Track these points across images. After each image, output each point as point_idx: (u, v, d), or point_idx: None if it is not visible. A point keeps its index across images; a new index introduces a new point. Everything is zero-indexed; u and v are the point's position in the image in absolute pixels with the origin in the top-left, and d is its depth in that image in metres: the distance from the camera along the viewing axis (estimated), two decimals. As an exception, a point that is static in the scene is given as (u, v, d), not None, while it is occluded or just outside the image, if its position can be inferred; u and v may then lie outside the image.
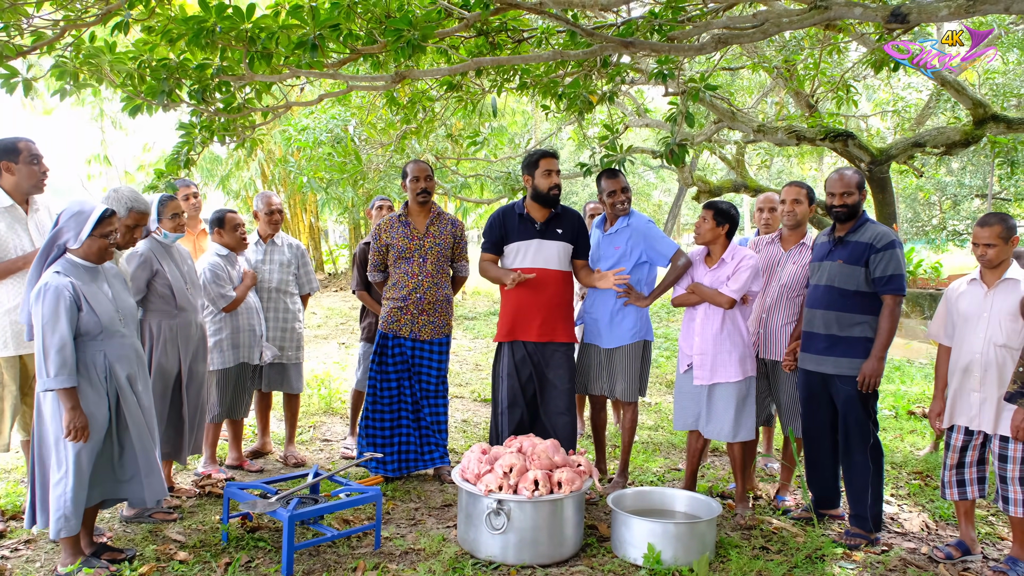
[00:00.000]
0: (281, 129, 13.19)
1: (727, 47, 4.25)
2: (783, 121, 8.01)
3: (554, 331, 4.54)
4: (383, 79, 4.01)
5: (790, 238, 4.56)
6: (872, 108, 19.76)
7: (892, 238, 3.97)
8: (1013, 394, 3.17)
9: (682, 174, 13.81)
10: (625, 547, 3.77)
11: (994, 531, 4.28)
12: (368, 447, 4.79)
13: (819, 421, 4.19)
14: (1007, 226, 3.66)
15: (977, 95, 6.25)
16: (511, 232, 4.59)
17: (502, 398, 4.57)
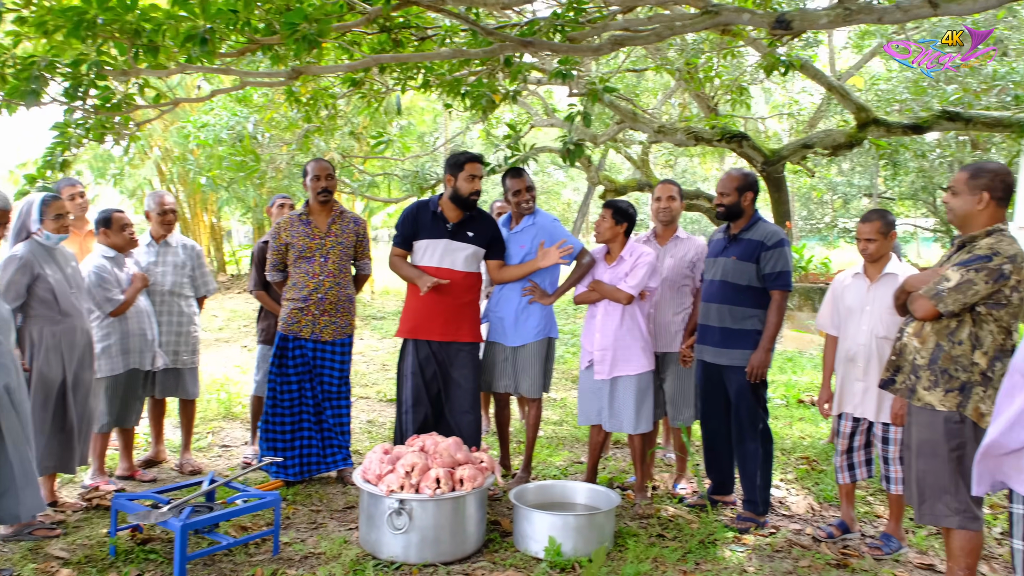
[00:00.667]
0: (179, 126, 12.75)
1: (623, 48, 4.35)
2: (684, 122, 8.26)
3: (458, 331, 4.53)
4: (279, 75, 3.92)
5: (664, 234, 4.72)
6: (770, 111, 20.57)
7: (781, 237, 4.16)
8: (886, 381, 3.36)
9: (589, 173, 14.05)
10: (527, 541, 3.82)
11: (872, 510, 4.53)
12: (269, 451, 4.69)
13: (715, 411, 4.35)
14: (886, 221, 3.88)
15: (860, 100, 6.60)
16: (422, 228, 4.54)
17: (406, 397, 4.55)
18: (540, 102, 13.64)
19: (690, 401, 4.61)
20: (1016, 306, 3.02)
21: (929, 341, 3.16)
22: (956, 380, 3.08)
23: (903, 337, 3.27)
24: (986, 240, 3.09)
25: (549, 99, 14.18)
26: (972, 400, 3.06)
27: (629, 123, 7.50)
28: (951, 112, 6.10)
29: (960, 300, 3.02)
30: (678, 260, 4.62)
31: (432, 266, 4.48)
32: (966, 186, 3.14)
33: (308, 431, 4.78)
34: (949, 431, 3.09)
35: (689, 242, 4.69)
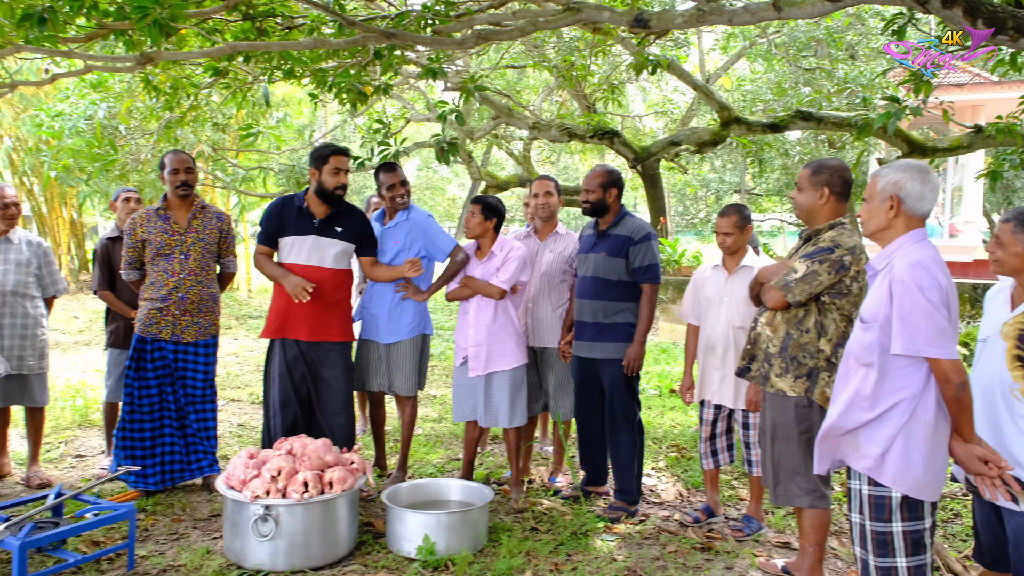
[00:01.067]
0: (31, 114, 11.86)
1: (488, 42, 4.35)
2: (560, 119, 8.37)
3: (327, 330, 4.39)
4: (127, 60, 3.69)
5: (544, 229, 4.77)
6: (646, 109, 21.20)
7: (648, 231, 4.26)
8: (741, 369, 3.51)
9: (470, 169, 14.06)
10: (400, 541, 3.77)
11: (736, 493, 4.74)
12: (126, 460, 4.41)
13: (590, 404, 4.43)
14: (742, 216, 4.04)
15: (722, 99, 6.88)
16: (288, 225, 4.36)
17: (273, 400, 4.38)
18: (422, 97, 13.53)
19: (571, 395, 4.67)
20: (856, 295, 3.21)
21: (780, 330, 3.31)
22: (804, 367, 3.25)
23: (757, 327, 3.42)
24: (829, 233, 3.26)
25: (431, 93, 14.09)
26: (819, 385, 3.23)
27: (505, 119, 7.53)
28: (805, 112, 6.45)
29: (806, 290, 3.18)
30: (557, 255, 4.66)
31: (300, 264, 4.32)
32: (808, 182, 3.31)
33: (170, 437, 4.54)
34: (799, 415, 3.25)
35: (568, 238, 4.73)
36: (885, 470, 2.50)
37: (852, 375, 2.59)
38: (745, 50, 14.51)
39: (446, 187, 36.14)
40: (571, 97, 12.85)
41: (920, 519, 2.53)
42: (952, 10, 2.91)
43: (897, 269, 2.50)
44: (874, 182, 2.65)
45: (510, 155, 17.00)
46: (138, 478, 4.42)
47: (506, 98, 10.53)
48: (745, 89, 14.19)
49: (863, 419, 2.53)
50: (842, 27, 11.66)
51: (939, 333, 2.41)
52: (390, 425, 5.88)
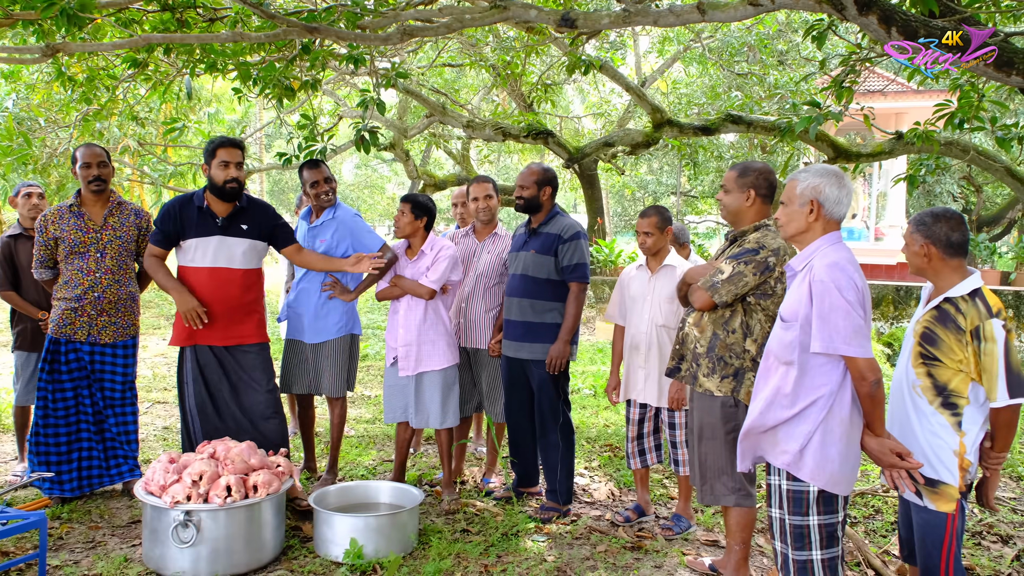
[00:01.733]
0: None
1: (413, 38, 4.30)
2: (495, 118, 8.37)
3: (241, 333, 4.19)
4: (32, 51, 3.52)
5: (483, 230, 4.74)
6: (584, 110, 21.37)
7: (577, 230, 4.27)
8: (671, 369, 3.54)
9: (408, 168, 13.95)
10: (327, 545, 3.69)
11: (667, 492, 4.79)
12: (40, 466, 4.23)
13: (519, 404, 4.42)
14: (662, 217, 4.09)
15: (654, 101, 6.97)
16: (189, 226, 4.09)
17: (190, 404, 4.18)
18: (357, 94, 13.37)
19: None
20: (780, 296, 3.27)
21: (707, 330, 3.36)
22: (731, 367, 3.30)
23: (685, 327, 3.46)
24: (754, 235, 3.32)
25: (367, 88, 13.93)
26: (745, 385, 3.28)
27: (439, 116, 7.48)
28: (735, 116, 6.57)
29: (732, 291, 3.23)
30: (495, 256, 4.64)
31: (206, 266, 4.10)
32: (735, 184, 3.36)
33: (88, 442, 4.36)
34: (725, 415, 3.30)
35: (507, 239, 4.70)
36: (803, 465, 2.56)
37: (772, 373, 2.64)
38: (680, 54, 14.75)
39: (385, 186, 35.83)
40: (509, 97, 12.88)
41: (835, 512, 2.61)
42: (868, 17, 2.99)
43: (816, 270, 2.55)
44: (792, 186, 2.71)
45: (448, 154, 16.93)
46: (53, 484, 4.24)
47: (443, 96, 10.48)
48: (680, 92, 14.43)
49: (783, 416, 2.58)
50: (772, 34, 11.96)
51: (855, 332, 2.48)
52: (321, 427, 5.78)
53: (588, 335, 11.32)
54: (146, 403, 6.82)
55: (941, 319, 2.62)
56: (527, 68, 6.71)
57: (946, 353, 2.59)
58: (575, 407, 6.89)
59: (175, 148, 12.09)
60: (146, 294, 14.90)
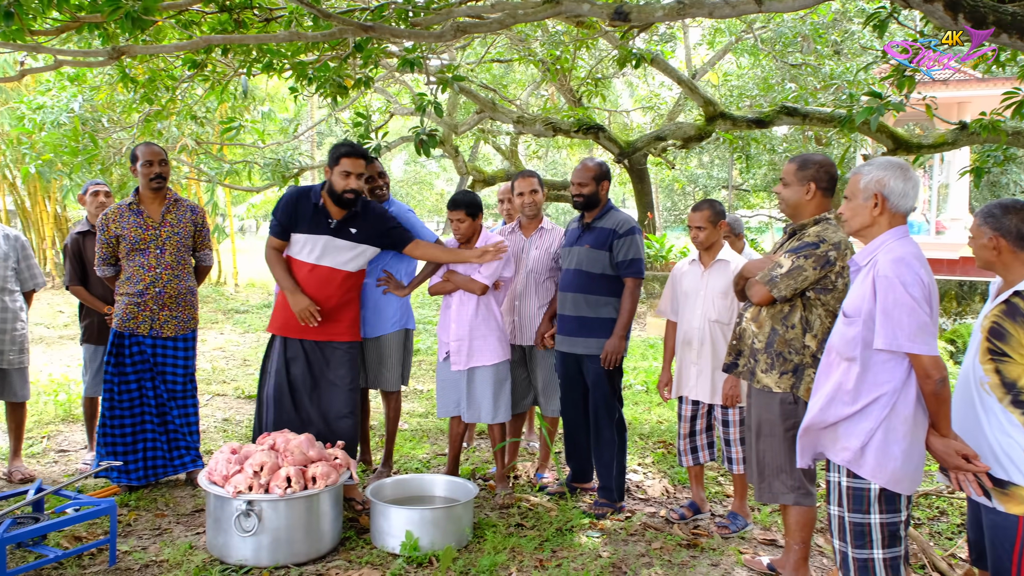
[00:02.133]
0: (11, 107, 11.72)
1: (467, 34, 4.31)
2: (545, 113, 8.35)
3: (335, 330, 4.20)
4: (98, 54, 3.63)
5: (529, 225, 4.73)
6: (634, 104, 21.20)
7: (632, 225, 4.24)
8: (728, 365, 3.50)
9: (457, 164, 14.02)
10: (384, 537, 3.75)
11: (722, 490, 4.74)
12: (108, 456, 4.38)
13: (574, 400, 4.41)
14: (715, 211, 4.04)
15: (707, 94, 6.88)
16: (301, 220, 4.11)
17: (267, 394, 4.23)
18: (407, 91, 13.47)
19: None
20: (841, 291, 3.21)
21: (765, 325, 3.31)
22: (790, 362, 3.25)
23: (742, 322, 3.42)
24: (814, 228, 3.26)
25: (417, 87, 14.03)
26: (804, 381, 3.23)
27: (489, 113, 7.50)
28: (790, 108, 6.45)
29: (791, 285, 3.18)
30: (543, 251, 4.63)
31: (311, 262, 4.14)
32: (795, 177, 3.30)
33: (152, 433, 4.50)
34: (784, 411, 3.25)
35: (554, 232, 4.68)
36: (864, 463, 2.51)
37: (834, 369, 2.60)
38: (731, 46, 14.52)
39: (434, 182, 36.07)
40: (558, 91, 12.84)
41: (897, 511, 2.55)
42: (933, 4, 2.91)
43: (881, 265, 2.50)
44: (856, 180, 2.65)
45: (497, 150, 16.97)
46: (120, 473, 4.38)
47: (492, 92, 10.49)
48: (732, 85, 14.22)
49: (844, 413, 2.53)
50: (827, 23, 11.70)
51: (920, 329, 2.42)
52: (375, 420, 5.86)
53: (639, 331, 11.24)
54: (206, 395, 6.99)
55: (1010, 313, 2.54)
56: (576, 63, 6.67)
57: (1015, 348, 2.51)
58: (627, 403, 6.86)
59: (231, 147, 12.35)
60: (204, 288, 15.30)
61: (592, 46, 6.52)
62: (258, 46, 4.55)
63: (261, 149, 11.45)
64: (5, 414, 4.86)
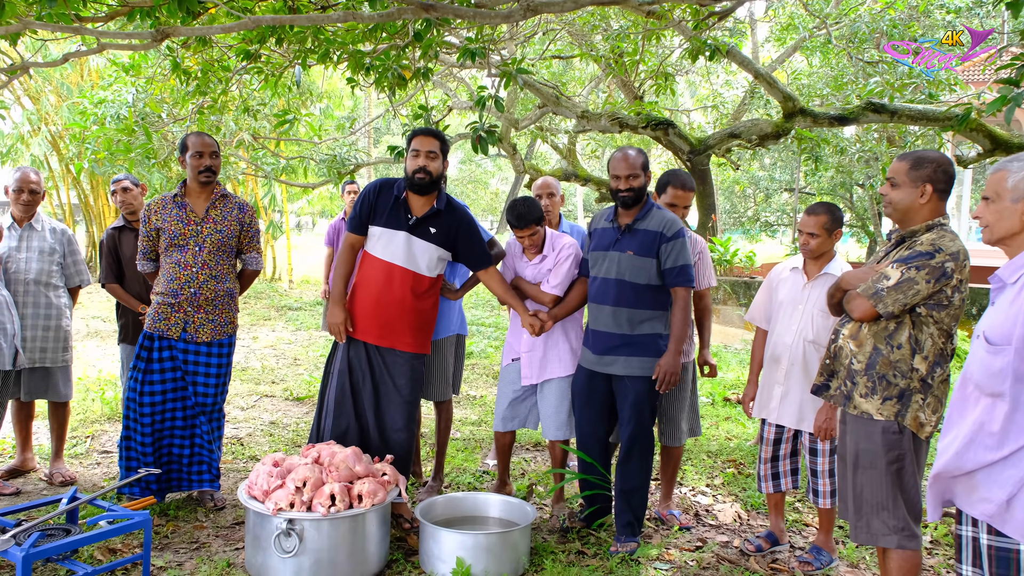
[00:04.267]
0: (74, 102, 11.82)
1: (536, 15, 4.00)
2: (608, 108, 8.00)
3: (398, 337, 3.88)
4: (142, 36, 3.43)
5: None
6: (694, 103, 20.62)
7: (680, 226, 3.75)
8: (819, 387, 3.12)
9: (514, 162, 13.72)
10: (433, 561, 3.46)
11: (801, 518, 4.33)
12: (132, 471, 4.01)
13: (592, 423, 3.93)
14: (833, 217, 3.61)
15: (787, 89, 6.45)
16: (380, 213, 3.86)
17: (329, 397, 3.96)
18: (464, 88, 13.21)
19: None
20: (957, 307, 2.80)
21: (866, 344, 2.92)
22: (894, 387, 2.85)
23: (838, 339, 3.02)
24: (927, 235, 2.86)
25: (474, 84, 13.77)
26: (911, 409, 2.83)
27: (552, 107, 7.18)
28: (876, 104, 5.99)
29: (900, 300, 2.79)
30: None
31: (384, 259, 3.86)
32: (907, 177, 2.90)
33: (178, 447, 4.17)
34: (887, 442, 2.86)
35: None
36: (1011, 518, 2.10)
37: (972, 405, 2.20)
38: (801, 42, 13.93)
39: (489, 181, 35.93)
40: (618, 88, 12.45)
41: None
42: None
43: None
44: (1000, 179, 2.25)
45: (554, 149, 16.63)
46: (142, 483, 4.06)
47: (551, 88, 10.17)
48: (801, 83, 13.61)
49: (987, 459, 2.12)
50: (906, 18, 11.06)
51: None
52: (426, 428, 5.59)
53: (699, 337, 10.78)
54: (254, 396, 6.83)
55: None
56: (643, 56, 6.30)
57: None
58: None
59: (287, 143, 12.28)
60: (258, 284, 15.33)
61: (662, 38, 6.15)
62: (314, 34, 4.31)
63: (317, 145, 11.32)
64: (48, 413, 4.71)
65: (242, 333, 10.45)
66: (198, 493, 4.28)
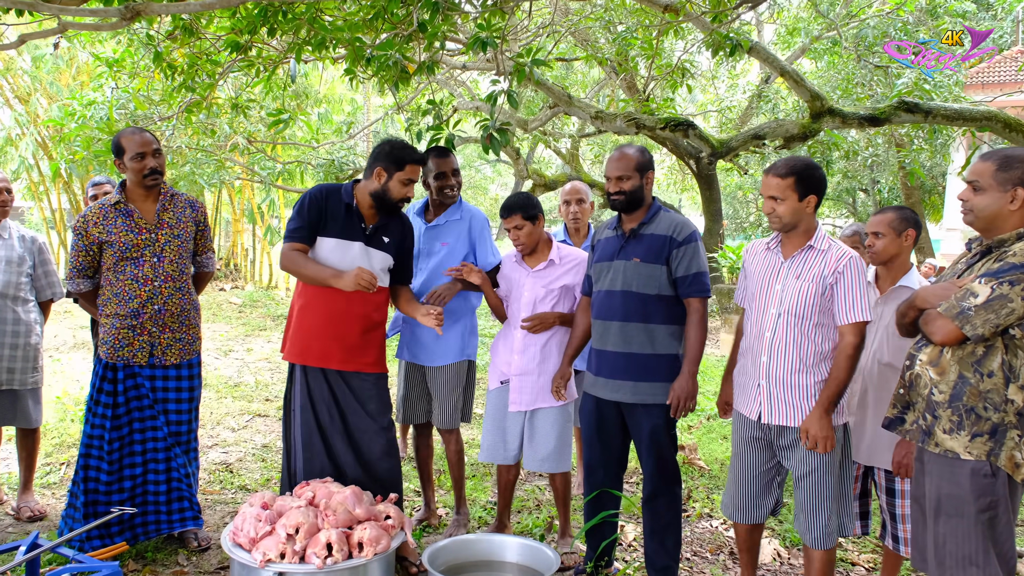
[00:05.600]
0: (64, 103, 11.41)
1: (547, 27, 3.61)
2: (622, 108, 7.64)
3: (364, 359, 3.52)
4: (109, 13, 3.02)
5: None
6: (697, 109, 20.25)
7: (692, 229, 3.30)
8: (892, 420, 2.71)
9: (517, 167, 13.34)
10: (444, 617, 3.05)
11: (846, 556, 3.92)
12: (90, 518, 3.49)
13: (604, 458, 3.49)
14: (901, 216, 3.21)
15: (815, 88, 6.07)
16: (331, 221, 3.47)
17: (295, 436, 3.54)
18: (467, 92, 12.83)
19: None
20: (1060, 329, 2.41)
21: (950, 372, 2.51)
22: (985, 421, 2.44)
23: (914, 366, 2.61)
24: (1020, 245, 2.46)
25: (476, 89, 13.39)
26: (1006, 447, 2.43)
27: (564, 107, 6.80)
28: (910, 103, 5.61)
29: (992, 321, 2.39)
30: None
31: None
32: (994, 180, 2.51)
33: (153, 481, 3.68)
34: (978, 486, 2.45)
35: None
36: None
37: None
38: (807, 46, 13.60)
39: (488, 186, 35.56)
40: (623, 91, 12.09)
41: None
42: None
43: None
44: None
45: (557, 154, 16.26)
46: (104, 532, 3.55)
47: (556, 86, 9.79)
48: (810, 85, 13.26)
49: None
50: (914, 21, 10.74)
51: None
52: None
53: (712, 347, 10.39)
54: (246, 416, 6.40)
55: None
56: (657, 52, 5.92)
57: None
58: (709, 438, 6.06)
59: (284, 147, 11.89)
60: (254, 293, 14.89)
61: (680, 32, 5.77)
62: (309, 22, 3.91)
63: (315, 149, 10.93)
64: (16, 441, 4.28)
65: (236, 345, 10.03)
66: (179, 532, 3.82)
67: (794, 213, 2.95)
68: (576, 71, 15.23)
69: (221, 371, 8.28)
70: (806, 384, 2.94)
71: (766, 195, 2.99)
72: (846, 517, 3.00)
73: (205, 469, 4.94)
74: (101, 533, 3.53)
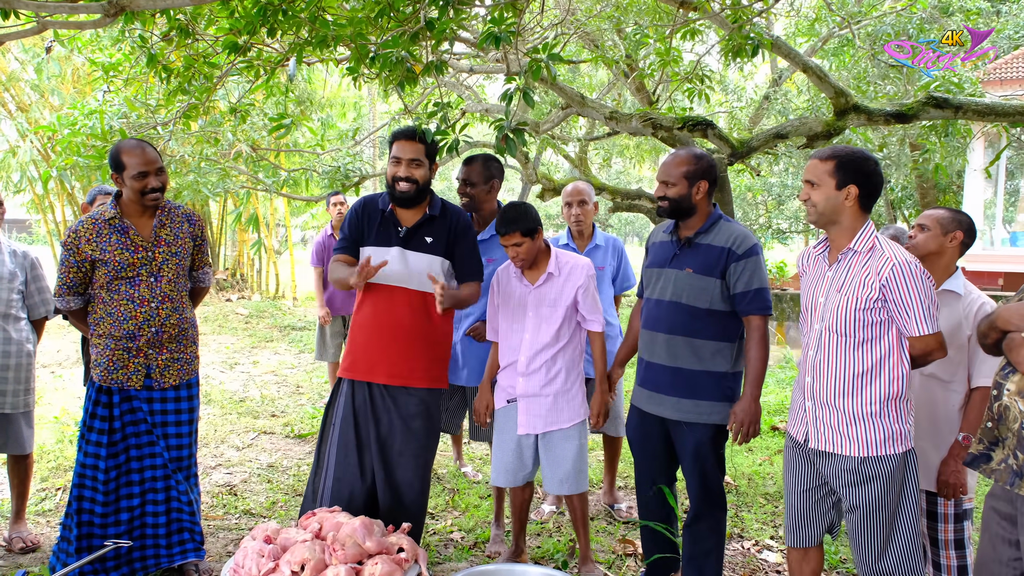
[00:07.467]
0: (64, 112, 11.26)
1: None
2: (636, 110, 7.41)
3: (411, 372, 3.34)
4: (92, 10, 2.81)
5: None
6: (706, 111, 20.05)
7: (754, 243, 3.11)
8: (976, 457, 2.42)
9: (526, 170, 13.11)
10: (463, 658, 2.81)
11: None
12: (82, 542, 3.32)
13: (651, 476, 3.33)
14: (952, 215, 2.99)
15: (839, 84, 5.82)
16: (368, 231, 3.40)
17: (330, 451, 3.36)
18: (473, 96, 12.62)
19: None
20: None
21: (1038, 400, 2.26)
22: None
23: (1002, 396, 2.36)
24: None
25: (483, 94, 13.19)
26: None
27: (577, 108, 6.57)
28: (939, 99, 5.37)
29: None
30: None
31: (377, 283, 3.32)
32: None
33: (152, 512, 3.48)
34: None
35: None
36: None
37: None
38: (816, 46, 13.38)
39: (494, 192, 35.40)
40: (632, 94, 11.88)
41: None
42: None
43: None
44: None
45: (565, 158, 16.06)
46: (98, 566, 3.34)
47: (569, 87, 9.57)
48: (818, 87, 13.04)
49: None
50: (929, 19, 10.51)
51: None
52: (446, 468, 4.94)
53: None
54: (251, 433, 6.18)
55: None
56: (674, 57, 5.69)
57: None
58: (734, 451, 5.80)
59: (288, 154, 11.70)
60: (261, 303, 14.69)
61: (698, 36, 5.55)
62: (310, 20, 3.70)
63: (320, 156, 10.73)
64: (7, 468, 4.07)
65: (242, 358, 9.83)
66: (179, 565, 3.59)
67: (829, 202, 2.67)
68: (583, 74, 15.04)
69: (226, 385, 8.07)
70: (851, 409, 2.66)
71: (804, 179, 2.75)
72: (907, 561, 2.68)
73: (208, 492, 4.72)
74: (96, 568, 3.33)
